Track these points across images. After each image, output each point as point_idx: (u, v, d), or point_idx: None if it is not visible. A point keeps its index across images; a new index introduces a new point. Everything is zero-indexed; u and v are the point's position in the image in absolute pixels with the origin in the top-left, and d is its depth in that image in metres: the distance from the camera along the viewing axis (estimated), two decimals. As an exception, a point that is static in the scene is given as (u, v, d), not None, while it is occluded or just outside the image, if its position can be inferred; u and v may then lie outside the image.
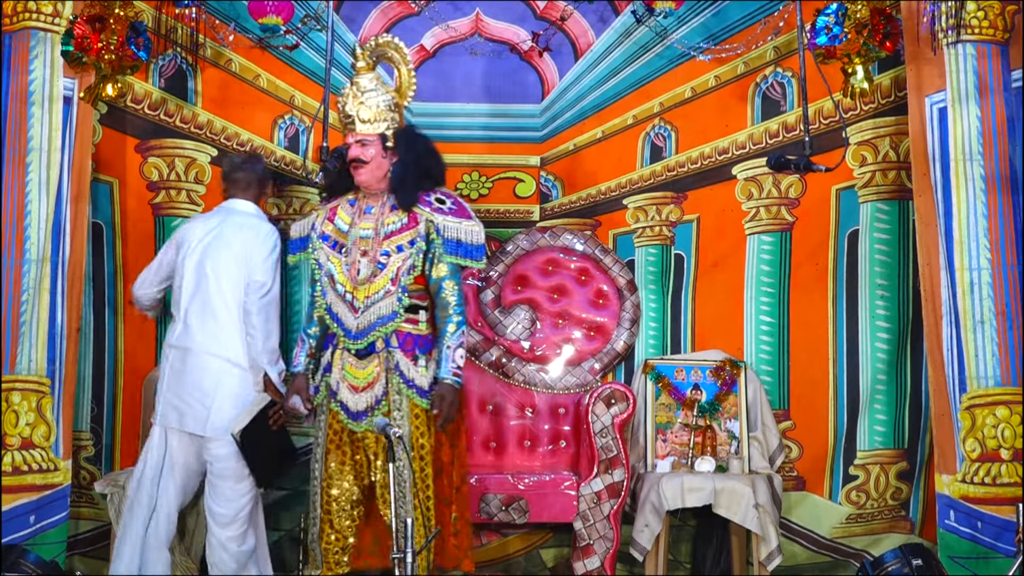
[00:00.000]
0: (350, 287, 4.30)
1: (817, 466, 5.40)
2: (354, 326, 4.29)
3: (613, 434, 5.05)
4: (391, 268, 4.27)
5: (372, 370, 4.30)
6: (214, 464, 4.60)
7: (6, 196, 4.92)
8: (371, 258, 4.29)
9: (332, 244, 4.38)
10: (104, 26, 4.77)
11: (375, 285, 4.27)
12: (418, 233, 4.30)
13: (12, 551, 4.73)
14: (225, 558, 4.59)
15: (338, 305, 4.32)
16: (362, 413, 4.30)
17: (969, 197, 4.91)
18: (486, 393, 5.49)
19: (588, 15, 5.65)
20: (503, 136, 5.69)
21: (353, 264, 4.30)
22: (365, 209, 4.37)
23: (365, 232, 4.33)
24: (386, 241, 4.31)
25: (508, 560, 5.46)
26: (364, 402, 4.30)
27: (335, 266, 4.33)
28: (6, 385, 4.84)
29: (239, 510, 4.59)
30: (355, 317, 4.28)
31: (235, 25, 5.38)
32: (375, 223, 4.32)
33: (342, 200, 4.46)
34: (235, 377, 4.59)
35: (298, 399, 4.39)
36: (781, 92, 5.54)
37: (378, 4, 5.65)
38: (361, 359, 4.31)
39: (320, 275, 4.39)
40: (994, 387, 4.86)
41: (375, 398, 4.30)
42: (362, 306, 4.28)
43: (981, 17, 4.92)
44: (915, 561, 4.97)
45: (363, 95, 4.36)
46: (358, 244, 4.32)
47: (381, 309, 4.28)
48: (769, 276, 5.52)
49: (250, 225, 4.73)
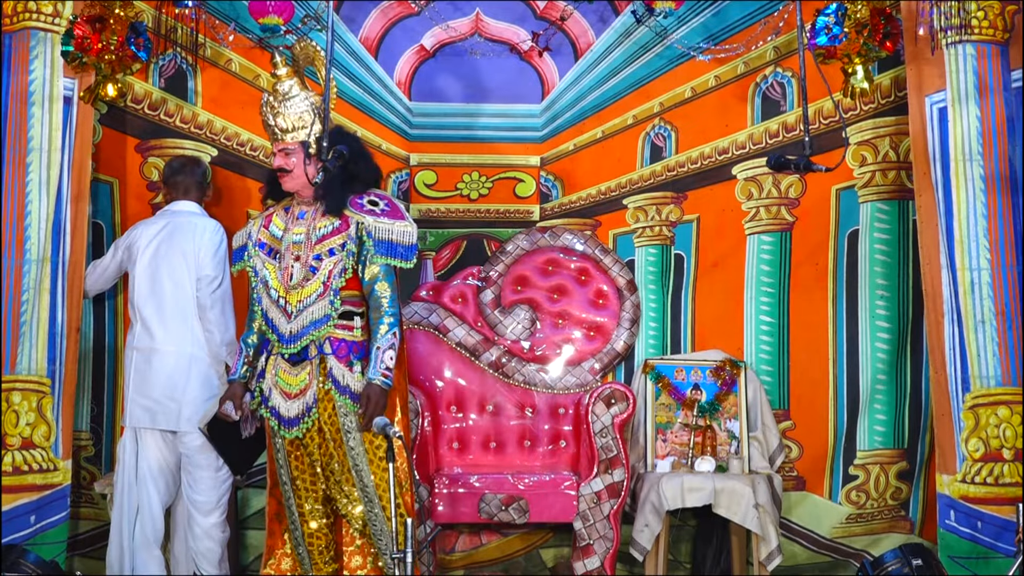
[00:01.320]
0: (283, 292, 4.27)
1: (817, 466, 5.40)
2: (287, 331, 4.25)
3: (613, 434, 5.05)
4: (323, 272, 4.25)
5: (304, 376, 4.27)
6: (192, 456, 4.82)
7: (6, 196, 4.92)
8: (303, 262, 4.27)
9: (267, 251, 4.35)
10: (104, 26, 4.77)
11: (307, 289, 4.26)
12: (348, 236, 4.26)
13: (12, 551, 4.72)
14: (211, 546, 4.80)
15: (272, 311, 4.28)
16: (294, 419, 4.26)
17: (969, 197, 4.91)
18: (486, 393, 5.50)
19: (588, 15, 5.65)
20: (503, 136, 5.69)
21: (286, 269, 4.28)
22: (298, 215, 4.34)
23: (298, 237, 4.31)
24: (318, 245, 4.29)
25: (508, 560, 5.46)
26: (296, 408, 4.27)
27: (269, 272, 4.31)
28: (6, 385, 4.84)
29: (220, 497, 4.83)
30: (288, 322, 4.25)
31: (235, 25, 5.38)
32: (307, 228, 4.31)
33: (278, 207, 4.42)
34: (200, 368, 4.83)
35: (230, 405, 4.35)
36: (781, 92, 5.54)
37: (378, 4, 5.64)
38: (294, 365, 4.29)
39: (256, 282, 4.36)
40: (995, 387, 4.86)
41: (307, 405, 4.27)
42: (295, 310, 4.25)
43: (981, 17, 4.92)
44: (915, 561, 4.96)
45: (280, 104, 4.30)
46: (291, 249, 4.30)
47: (314, 313, 4.25)
48: (769, 276, 5.52)
49: (196, 223, 4.95)
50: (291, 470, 4.32)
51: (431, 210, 5.68)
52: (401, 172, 5.67)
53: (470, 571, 5.44)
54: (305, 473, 4.32)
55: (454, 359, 5.51)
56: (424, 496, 5.00)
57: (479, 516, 5.04)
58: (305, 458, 4.31)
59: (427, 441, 5.23)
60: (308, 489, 4.33)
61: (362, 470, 4.22)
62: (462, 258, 5.69)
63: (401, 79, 5.67)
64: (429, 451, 5.26)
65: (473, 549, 5.45)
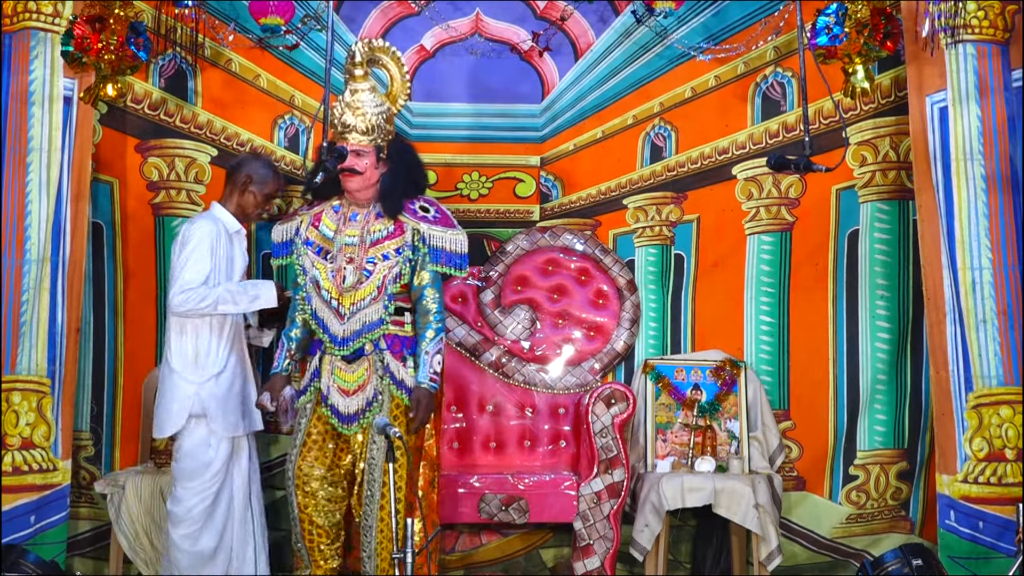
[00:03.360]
0: (336, 293, 4.31)
1: (817, 466, 5.40)
2: (340, 332, 4.30)
3: (613, 434, 5.05)
4: (377, 276, 4.31)
5: (362, 373, 4.32)
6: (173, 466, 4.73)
7: (6, 196, 4.92)
8: (357, 265, 4.30)
9: (317, 250, 4.38)
10: (104, 26, 4.76)
11: (361, 292, 4.30)
12: (404, 242, 4.35)
13: (12, 551, 4.73)
14: (178, 556, 4.63)
15: (323, 311, 4.32)
16: (353, 416, 4.33)
17: (970, 196, 4.91)
18: (486, 393, 5.49)
19: (588, 15, 5.65)
20: (503, 136, 5.69)
21: (339, 271, 4.31)
22: (350, 216, 4.37)
23: (351, 239, 4.34)
24: (372, 248, 4.33)
25: (508, 560, 5.46)
26: (355, 405, 4.32)
27: (320, 272, 4.34)
28: (6, 385, 4.84)
29: (190, 509, 4.61)
30: (341, 323, 4.29)
31: (235, 25, 5.38)
32: (361, 230, 4.34)
33: (326, 206, 4.46)
34: (170, 381, 4.65)
35: (267, 396, 4.42)
36: (781, 92, 5.54)
37: (378, 4, 5.64)
38: (350, 363, 4.35)
39: (305, 281, 4.39)
40: (997, 387, 4.85)
41: (367, 400, 4.32)
42: (348, 312, 4.29)
43: (981, 17, 4.92)
44: (915, 561, 4.97)
45: (362, 105, 4.35)
46: (344, 251, 4.33)
47: (367, 316, 4.30)
48: (769, 276, 5.52)
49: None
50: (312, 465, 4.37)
51: (431, 210, 5.68)
52: (401, 172, 5.67)
53: (470, 571, 5.44)
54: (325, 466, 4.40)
55: (454, 359, 5.51)
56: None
57: (479, 516, 5.04)
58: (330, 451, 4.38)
59: (427, 441, 5.23)
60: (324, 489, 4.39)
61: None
62: (462, 258, 5.68)
63: (401, 79, 5.67)
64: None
65: (473, 549, 5.45)
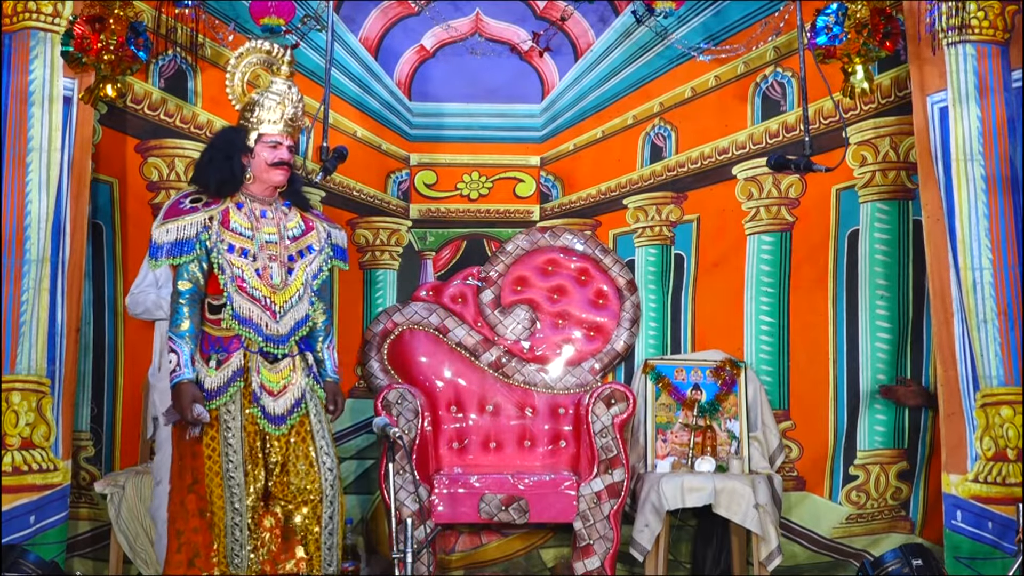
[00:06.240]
0: (267, 292, 4.23)
1: (817, 466, 5.40)
2: (276, 331, 4.23)
3: (613, 434, 5.05)
4: (299, 272, 4.28)
5: (287, 373, 4.25)
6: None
7: (6, 196, 4.91)
8: (280, 262, 4.27)
9: (228, 248, 4.21)
10: (104, 26, 4.76)
11: (289, 290, 4.26)
12: (320, 238, 4.33)
13: (12, 551, 4.72)
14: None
15: (253, 310, 4.21)
16: (281, 417, 4.23)
17: (970, 196, 4.91)
18: (486, 393, 5.49)
19: (588, 15, 5.65)
20: (503, 136, 5.69)
21: (265, 269, 4.25)
22: (260, 213, 4.30)
23: (271, 237, 4.28)
24: (292, 244, 4.29)
25: (508, 560, 5.46)
26: (283, 406, 4.25)
27: (244, 271, 4.24)
28: (6, 385, 4.83)
29: (155, 510, 4.66)
30: (275, 322, 4.23)
31: (235, 25, 5.38)
32: (277, 227, 4.30)
33: (227, 203, 4.25)
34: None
35: (200, 407, 4.07)
36: (781, 92, 5.54)
37: (378, 4, 5.65)
38: (272, 363, 4.26)
39: (223, 279, 4.21)
40: (998, 387, 4.85)
41: (295, 400, 4.26)
42: (281, 311, 4.25)
43: (981, 17, 4.92)
44: (915, 561, 4.96)
45: (297, 99, 4.33)
46: (264, 248, 4.26)
47: (297, 313, 4.26)
48: (769, 276, 5.52)
49: None
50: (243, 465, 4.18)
51: (431, 210, 5.68)
52: (401, 172, 5.67)
53: (470, 571, 5.44)
54: (258, 473, 4.20)
55: (454, 359, 5.51)
56: (424, 496, 5.00)
57: (479, 516, 5.04)
58: (260, 455, 4.20)
59: (427, 441, 5.22)
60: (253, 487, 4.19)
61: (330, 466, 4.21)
62: (462, 258, 5.68)
63: (401, 79, 5.67)
64: (429, 451, 5.26)
65: (473, 549, 5.45)
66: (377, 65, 5.65)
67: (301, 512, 4.20)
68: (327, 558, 4.20)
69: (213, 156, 4.24)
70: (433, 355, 5.51)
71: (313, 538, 4.20)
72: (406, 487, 4.94)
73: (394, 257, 5.66)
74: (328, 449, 4.24)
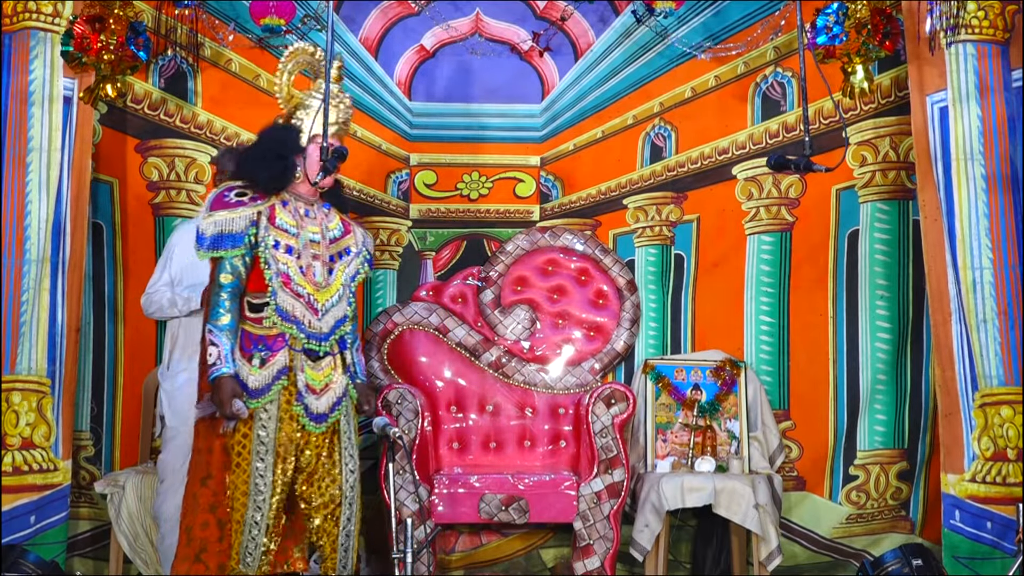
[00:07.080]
0: (311, 289, 4.24)
1: (817, 466, 5.40)
2: (319, 328, 4.24)
3: (613, 434, 5.05)
4: (339, 272, 4.30)
5: (328, 372, 4.26)
6: None
7: (6, 196, 4.92)
8: (323, 262, 4.29)
9: (274, 244, 4.22)
10: (104, 26, 4.77)
11: (331, 289, 4.28)
12: (355, 241, 4.35)
13: (12, 551, 4.73)
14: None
15: (296, 307, 4.22)
16: (323, 415, 4.23)
17: (970, 196, 4.91)
18: (486, 393, 5.49)
19: (588, 15, 5.66)
20: (503, 136, 5.69)
21: (308, 268, 4.27)
22: (304, 212, 4.32)
23: (314, 236, 4.30)
24: (332, 245, 4.32)
25: (508, 560, 5.46)
26: (325, 404, 4.25)
27: (290, 268, 4.26)
28: (6, 385, 4.84)
29: (157, 508, 4.68)
30: (318, 319, 4.24)
31: (235, 25, 5.39)
32: (320, 227, 4.31)
33: (271, 201, 4.25)
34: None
35: (240, 403, 4.01)
36: (781, 92, 5.54)
37: (378, 4, 5.65)
38: (315, 361, 4.27)
39: (269, 275, 4.26)
40: (998, 387, 4.85)
41: (336, 399, 4.26)
42: (323, 309, 4.26)
43: (981, 17, 4.92)
44: (915, 561, 4.96)
45: (349, 103, 4.33)
46: (308, 247, 4.28)
47: (337, 312, 4.28)
48: (769, 276, 5.52)
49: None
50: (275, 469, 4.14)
51: (431, 210, 5.68)
52: (401, 172, 5.67)
53: (470, 571, 5.44)
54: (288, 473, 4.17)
55: (454, 359, 5.51)
56: (424, 496, 5.00)
57: (479, 516, 5.04)
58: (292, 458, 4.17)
59: (427, 441, 5.22)
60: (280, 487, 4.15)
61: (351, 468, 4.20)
62: (462, 258, 5.69)
63: (401, 79, 5.67)
64: (429, 451, 5.26)
65: (473, 549, 5.45)
66: (377, 65, 5.65)
67: (320, 514, 4.20)
68: (343, 560, 4.19)
69: (265, 153, 4.20)
70: (433, 355, 5.51)
71: (330, 540, 4.18)
72: (406, 487, 4.95)
73: (394, 257, 5.66)
74: (352, 451, 4.24)
